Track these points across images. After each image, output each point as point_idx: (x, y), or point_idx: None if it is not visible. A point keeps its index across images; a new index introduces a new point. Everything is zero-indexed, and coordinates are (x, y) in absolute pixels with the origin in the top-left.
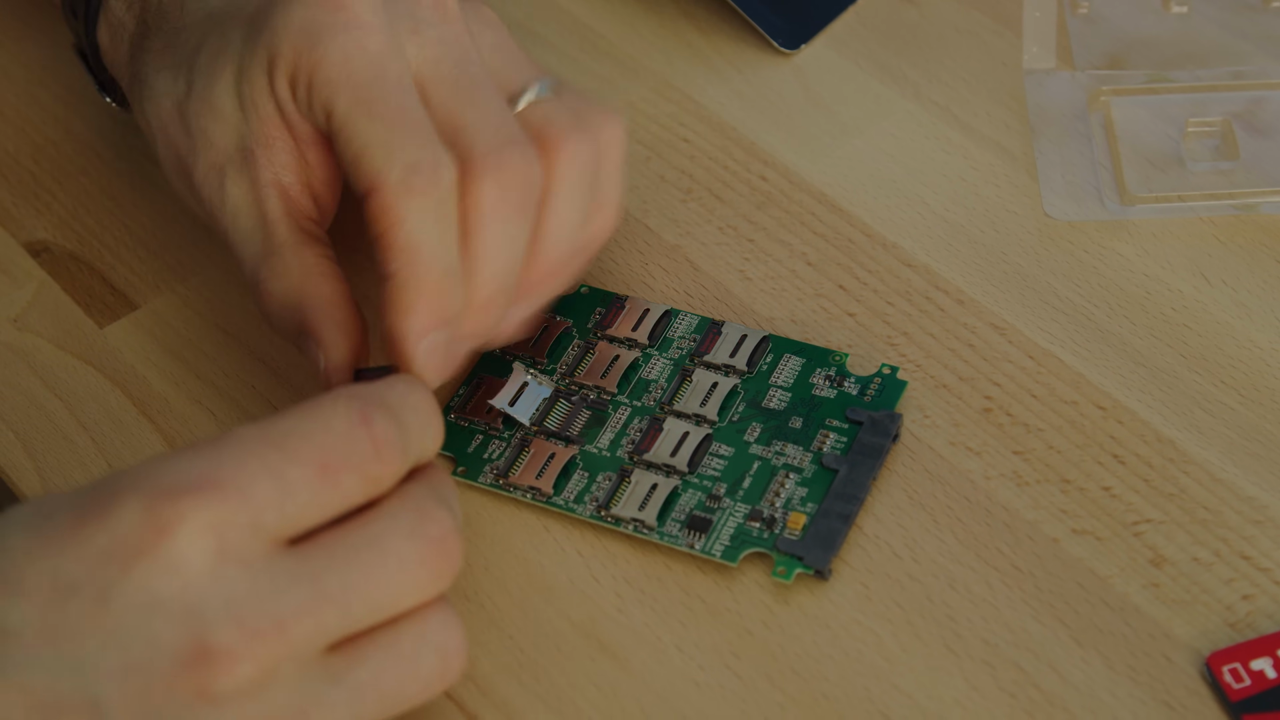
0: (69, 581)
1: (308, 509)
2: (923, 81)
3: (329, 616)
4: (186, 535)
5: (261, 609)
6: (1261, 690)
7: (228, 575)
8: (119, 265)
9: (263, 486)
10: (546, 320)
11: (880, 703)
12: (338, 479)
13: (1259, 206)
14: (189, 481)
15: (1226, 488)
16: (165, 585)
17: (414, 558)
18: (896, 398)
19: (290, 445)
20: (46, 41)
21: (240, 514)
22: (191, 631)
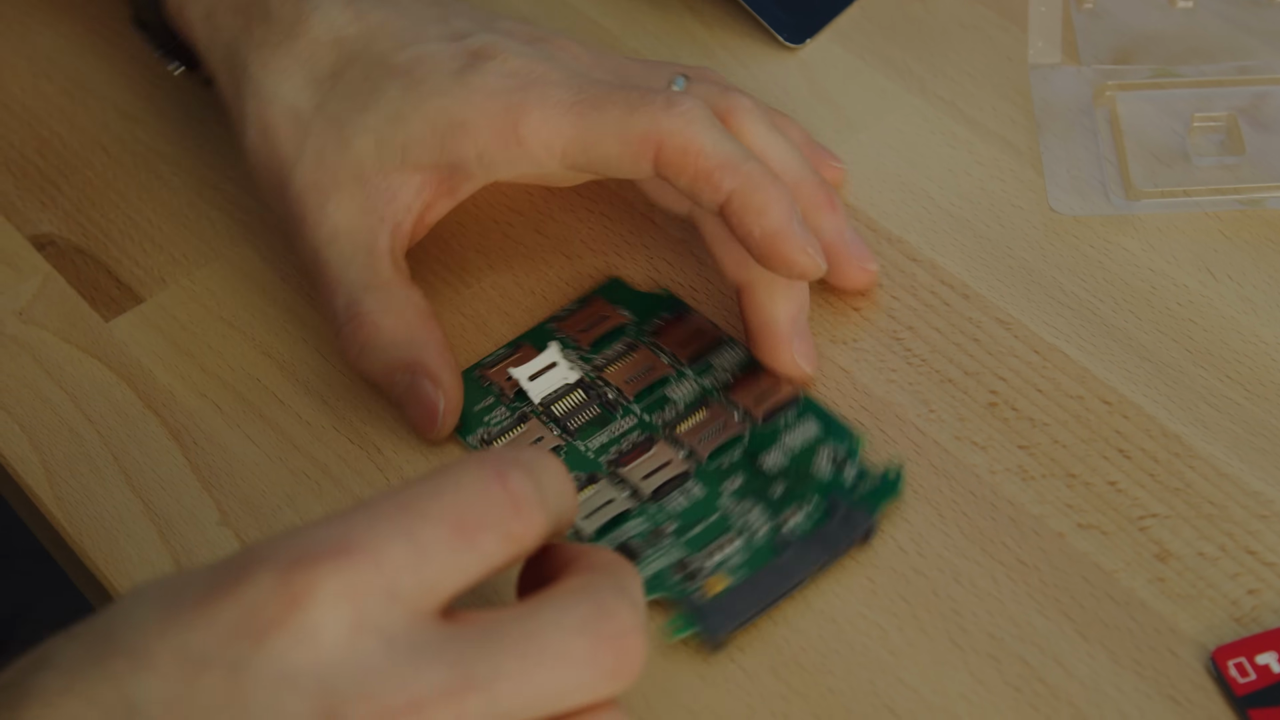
0: (199, 655)
1: (446, 573)
2: (928, 76)
3: (473, 705)
4: (320, 604)
5: (397, 686)
6: (1267, 685)
7: (363, 647)
8: (124, 259)
9: (396, 549)
10: (608, 310)
11: (885, 696)
12: (474, 539)
13: (1265, 201)
14: (320, 549)
15: (1232, 482)
16: (298, 658)
17: (583, 654)
18: (883, 501)
19: (421, 505)
20: (50, 34)
21: (375, 579)
22: (323, 707)
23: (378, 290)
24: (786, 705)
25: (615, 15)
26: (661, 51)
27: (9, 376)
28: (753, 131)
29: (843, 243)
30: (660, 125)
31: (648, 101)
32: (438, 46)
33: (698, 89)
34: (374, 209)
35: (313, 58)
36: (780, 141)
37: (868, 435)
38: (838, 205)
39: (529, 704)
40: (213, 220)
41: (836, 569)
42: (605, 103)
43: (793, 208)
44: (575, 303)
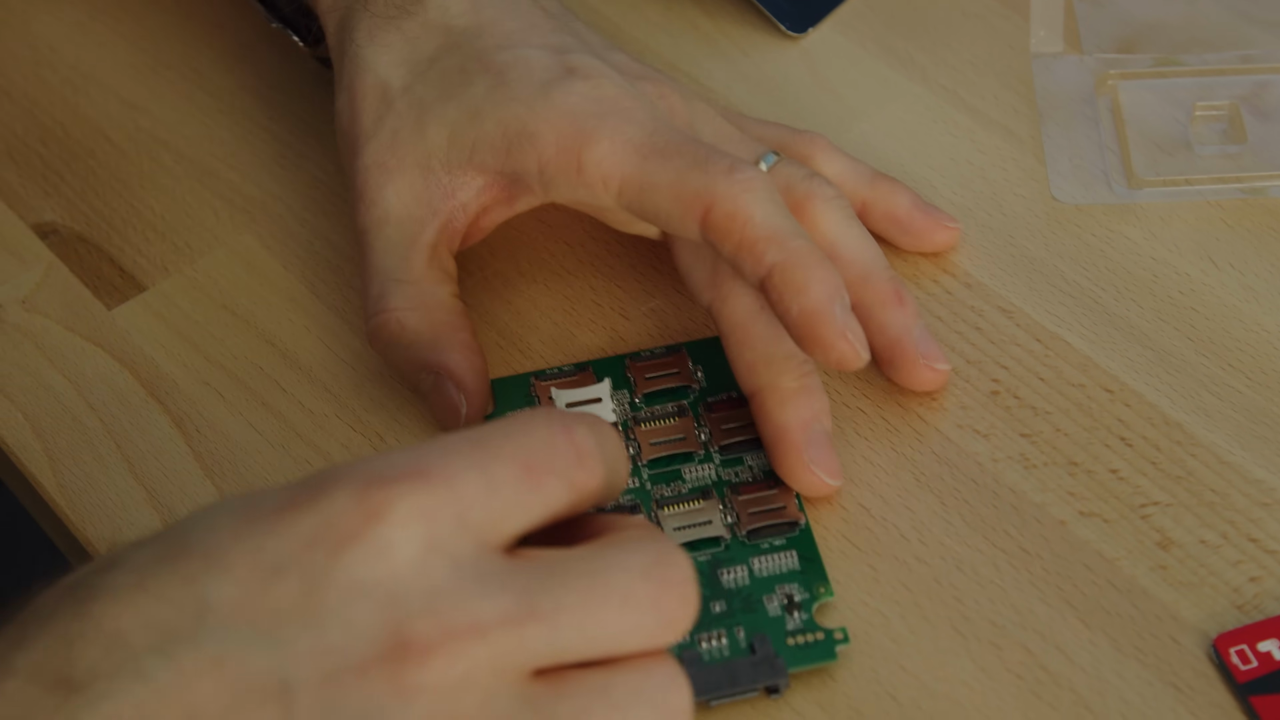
0: (275, 562)
1: (512, 509)
2: (930, 65)
3: (534, 634)
4: (396, 521)
5: (463, 608)
6: (1269, 671)
7: (433, 566)
8: (127, 247)
9: (469, 479)
10: (684, 368)
11: (888, 684)
12: (541, 481)
13: (1266, 190)
14: (397, 472)
15: (1234, 470)
16: (371, 570)
17: (645, 598)
18: (810, 661)
19: (494, 444)
20: (53, 22)
21: (448, 504)
22: (391, 620)
23: (407, 285)
24: (789, 692)
25: (616, 4)
26: (664, 40)
27: (12, 364)
28: (827, 220)
29: (909, 340)
30: (715, 187)
31: (712, 162)
32: (537, 54)
33: (783, 168)
34: (429, 201)
35: (419, 39)
36: (854, 232)
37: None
38: (907, 300)
39: (589, 641)
40: (215, 209)
41: (842, 556)
42: (672, 153)
43: (837, 291)
44: (663, 348)
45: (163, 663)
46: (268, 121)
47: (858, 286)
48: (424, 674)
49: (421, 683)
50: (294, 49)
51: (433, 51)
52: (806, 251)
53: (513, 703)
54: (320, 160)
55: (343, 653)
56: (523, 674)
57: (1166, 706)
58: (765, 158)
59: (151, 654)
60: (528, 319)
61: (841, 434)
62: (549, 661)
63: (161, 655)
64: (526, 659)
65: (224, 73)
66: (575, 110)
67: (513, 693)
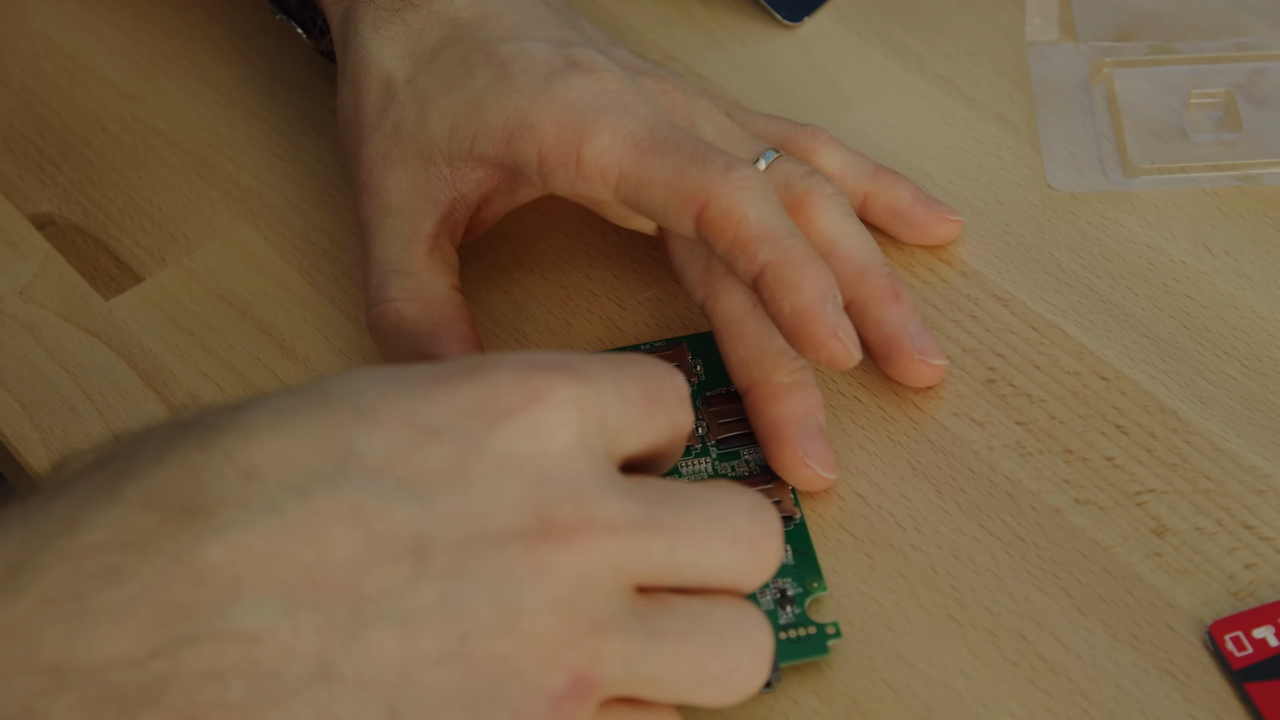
0: (429, 424)
1: (633, 429)
2: (926, 54)
3: (657, 544)
4: (556, 404)
5: (602, 503)
6: (1264, 658)
7: (578, 458)
8: (124, 238)
9: (610, 388)
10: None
11: (884, 671)
12: (656, 410)
13: (1262, 177)
14: (554, 365)
15: (1229, 458)
16: (527, 446)
17: (746, 536)
18: (802, 656)
19: (623, 366)
20: (50, 13)
21: (597, 403)
22: (536, 498)
23: (407, 277)
24: (785, 681)
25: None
26: (660, 30)
27: (9, 355)
28: (825, 217)
29: (905, 336)
30: (712, 185)
31: (709, 160)
32: (540, 47)
33: (782, 165)
34: (430, 192)
35: (422, 31)
36: (852, 229)
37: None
38: (904, 296)
39: (697, 564)
40: (212, 200)
41: (839, 545)
42: (670, 149)
43: (829, 290)
44: (663, 341)
45: (299, 501)
46: (264, 113)
47: (854, 283)
48: (560, 555)
49: (556, 563)
50: (291, 41)
51: (436, 43)
52: (799, 250)
53: (624, 607)
54: (317, 151)
55: (485, 519)
56: (632, 583)
57: (1162, 693)
58: (765, 155)
59: (287, 490)
60: (524, 309)
61: (837, 423)
62: (658, 578)
63: (298, 493)
64: (644, 567)
65: (221, 64)
66: (576, 103)
67: (627, 599)
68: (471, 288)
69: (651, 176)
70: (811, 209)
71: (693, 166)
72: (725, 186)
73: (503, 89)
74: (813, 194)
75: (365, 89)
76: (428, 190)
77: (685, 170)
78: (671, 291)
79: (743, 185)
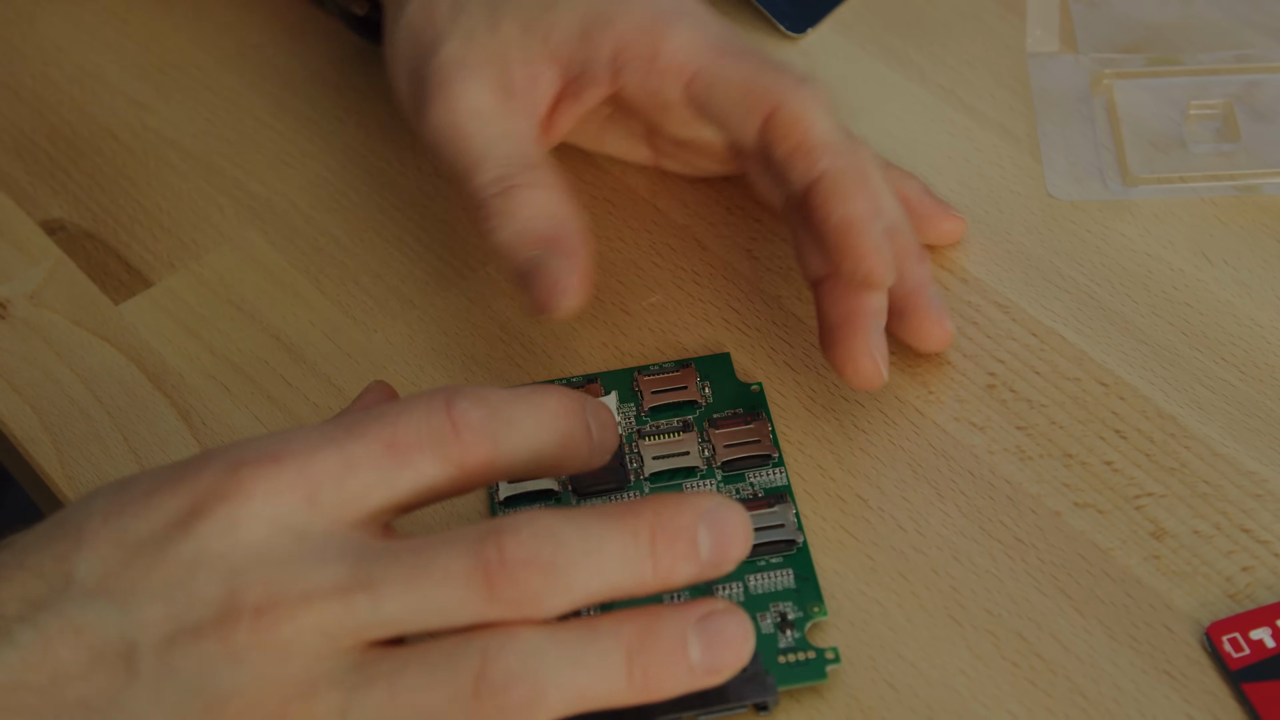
0: (137, 540)
1: (373, 488)
2: (927, 65)
3: (359, 601)
4: (244, 502)
5: (296, 577)
6: (1261, 659)
7: (277, 542)
8: (134, 243)
9: (323, 459)
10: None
11: (885, 671)
12: (408, 457)
13: (1260, 188)
14: (258, 455)
15: (1227, 462)
16: (216, 544)
17: (460, 572)
18: (801, 680)
19: (361, 426)
20: (60, 22)
21: (297, 485)
22: (227, 589)
23: (532, 169)
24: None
25: None
26: None
27: (20, 359)
28: None
29: (924, 294)
30: (786, 90)
31: (783, 70)
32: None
33: None
34: (515, 93)
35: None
36: (887, 191)
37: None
38: (926, 259)
39: (415, 608)
40: (221, 206)
41: (840, 547)
42: (747, 54)
43: (881, 209)
44: (672, 363)
45: (30, 630)
46: (273, 120)
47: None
48: (251, 635)
49: (249, 643)
50: (299, 50)
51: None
52: (861, 166)
53: (339, 665)
54: (324, 158)
55: (184, 618)
56: (357, 642)
57: (1160, 694)
58: None
59: (22, 624)
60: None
61: (839, 426)
62: (381, 632)
63: (30, 624)
64: (355, 625)
65: (230, 72)
66: (654, 3)
67: (343, 658)
68: (476, 294)
69: (726, 77)
70: None
71: (768, 73)
72: (799, 93)
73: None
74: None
75: (433, 3)
76: (513, 92)
77: (760, 74)
78: (675, 297)
79: (816, 97)
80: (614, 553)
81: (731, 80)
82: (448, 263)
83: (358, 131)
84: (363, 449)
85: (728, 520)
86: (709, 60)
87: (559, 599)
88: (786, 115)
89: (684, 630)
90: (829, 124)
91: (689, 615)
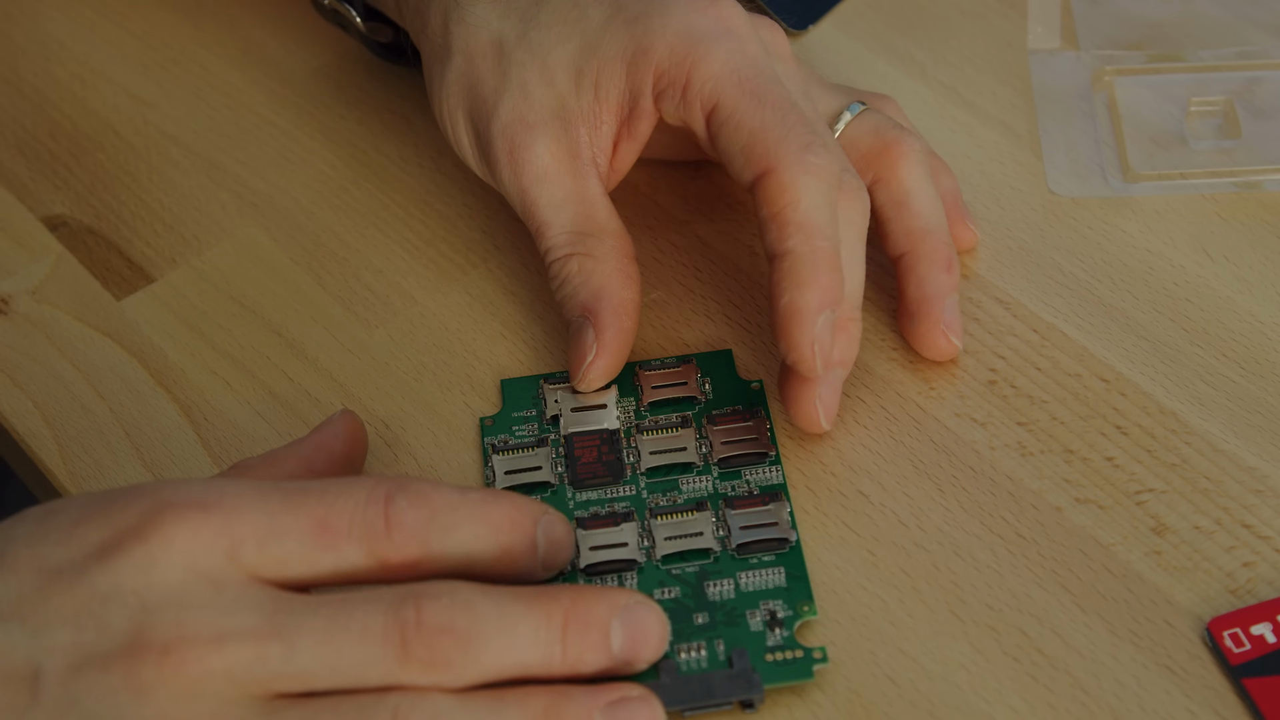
0: (56, 567)
1: (294, 559)
2: (929, 62)
3: (273, 652)
4: (163, 544)
5: (207, 620)
6: (1261, 654)
7: (192, 587)
8: (135, 239)
9: (248, 519)
10: (692, 379)
11: (886, 666)
12: (334, 541)
13: (1261, 184)
14: (189, 500)
15: (1228, 458)
16: (131, 580)
17: (379, 630)
18: (788, 678)
19: (297, 498)
20: (61, 18)
21: (220, 537)
22: (137, 623)
23: (590, 237)
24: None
25: None
26: None
27: (23, 354)
28: (908, 173)
29: (939, 303)
30: (786, 154)
31: (795, 130)
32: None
33: (870, 115)
34: (579, 153)
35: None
36: (928, 190)
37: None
38: (955, 270)
39: (328, 663)
40: (223, 201)
41: (841, 542)
42: (767, 101)
43: (831, 303)
44: (673, 358)
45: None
46: (274, 117)
47: (916, 238)
48: (157, 673)
49: (154, 680)
50: (300, 47)
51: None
52: (824, 254)
53: (246, 711)
54: (325, 154)
55: (92, 649)
56: (266, 692)
57: (1161, 689)
58: (851, 106)
59: None
60: (533, 309)
61: (840, 422)
62: (292, 683)
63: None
64: (266, 674)
65: (231, 68)
66: (693, 27)
67: (250, 705)
68: (478, 290)
69: (738, 122)
70: (898, 158)
71: (778, 128)
72: (794, 164)
73: (618, 23)
74: (902, 143)
75: (480, 54)
76: (577, 151)
77: (770, 128)
78: (676, 294)
79: (809, 169)
80: (526, 633)
81: (741, 127)
82: (449, 259)
83: (359, 127)
84: (292, 522)
85: (644, 619)
86: (730, 96)
87: (469, 669)
88: (775, 183)
89: (590, 713)
90: (814, 201)
91: (599, 699)
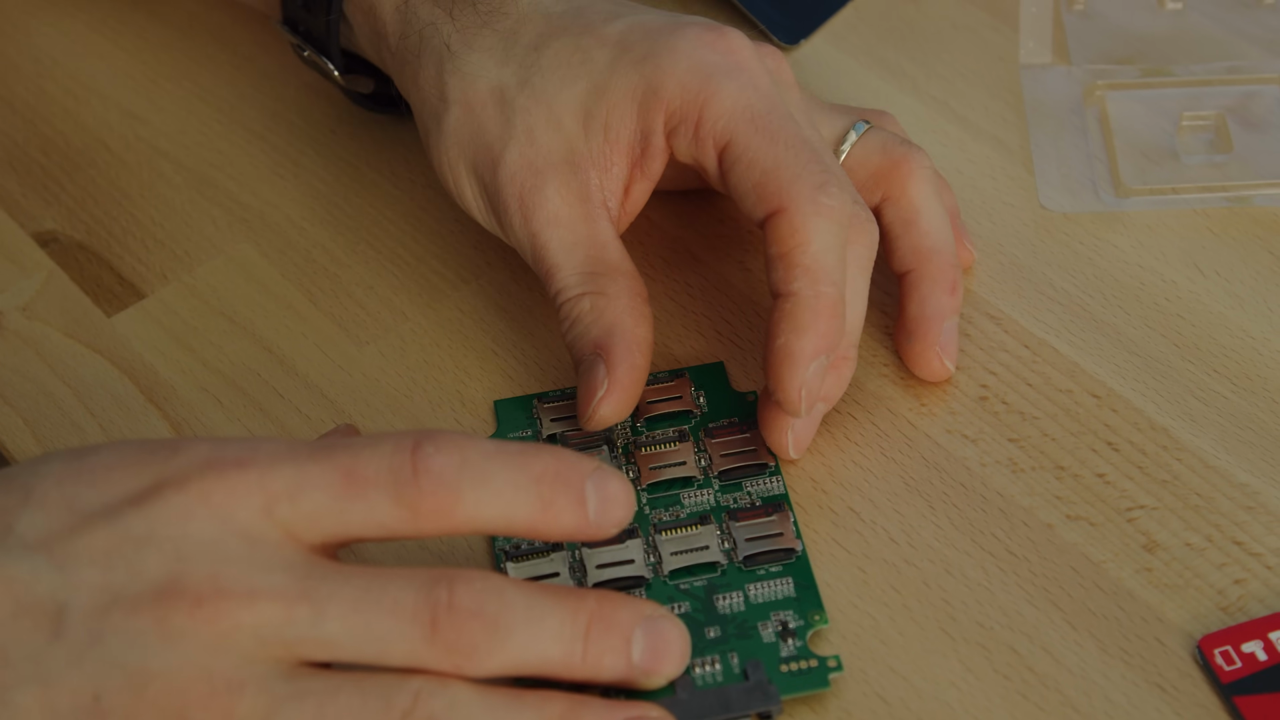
0: (88, 509)
1: (325, 511)
2: (921, 76)
3: (301, 614)
4: (201, 495)
5: (241, 575)
6: (1252, 672)
7: (228, 542)
8: (126, 255)
9: (282, 474)
10: (686, 393)
11: (876, 684)
12: (363, 491)
13: (1252, 199)
14: (224, 456)
15: (1219, 474)
16: (167, 528)
17: (410, 607)
18: (803, 688)
19: (326, 451)
20: (53, 33)
21: (255, 494)
22: (172, 570)
23: (602, 277)
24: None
25: None
26: None
27: (13, 371)
28: (917, 186)
29: (938, 325)
30: (799, 194)
31: (809, 170)
32: (650, 17)
33: (878, 133)
34: (590, 196)
35: (517, 32)
36: (937, 209)
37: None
38: (958, 293)
39: (355, 634)
40: (214, 218)
41: (832, 560)
42: (779, 139)
43: (827, 350)
44: (666, 373)
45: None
46: (266, 132)
47: (921, 257)
48: (187, 621)
49: (183, 628)
50: (292, 62)
51: (535, 39)
52: (827, 300)
53: (271, 673)
54: (317, 170)
55: (121, 590)
56: (290, 655)
57: (1152, 707)
58: (856, 126)
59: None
60: (525, 326)
61: (831, 439)
62: (317, 651)
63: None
64: (292, 636)
65: (223, 84)
66: (702, 63)
67: (274, 666)
68: (469, 306)
69: (750, 160)
70: (908, 175)
71: (789, 169)
72: (806, 204)
73: (625, 63)
74: (911, 160)
75: (479, 104)
76: (588, 194)
77: (783, 167)
78: (668, 309)
79: (821, 210)
80: (551, 627)
81: (754, 164)
82: (441, 275)
83: (351, 143)
84: (320, 472)
85: (666, 632)
86: (742, 133)
87: (492, 657)
88: (786, 223)
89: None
90: (824, 244)
91: (616, 714)
